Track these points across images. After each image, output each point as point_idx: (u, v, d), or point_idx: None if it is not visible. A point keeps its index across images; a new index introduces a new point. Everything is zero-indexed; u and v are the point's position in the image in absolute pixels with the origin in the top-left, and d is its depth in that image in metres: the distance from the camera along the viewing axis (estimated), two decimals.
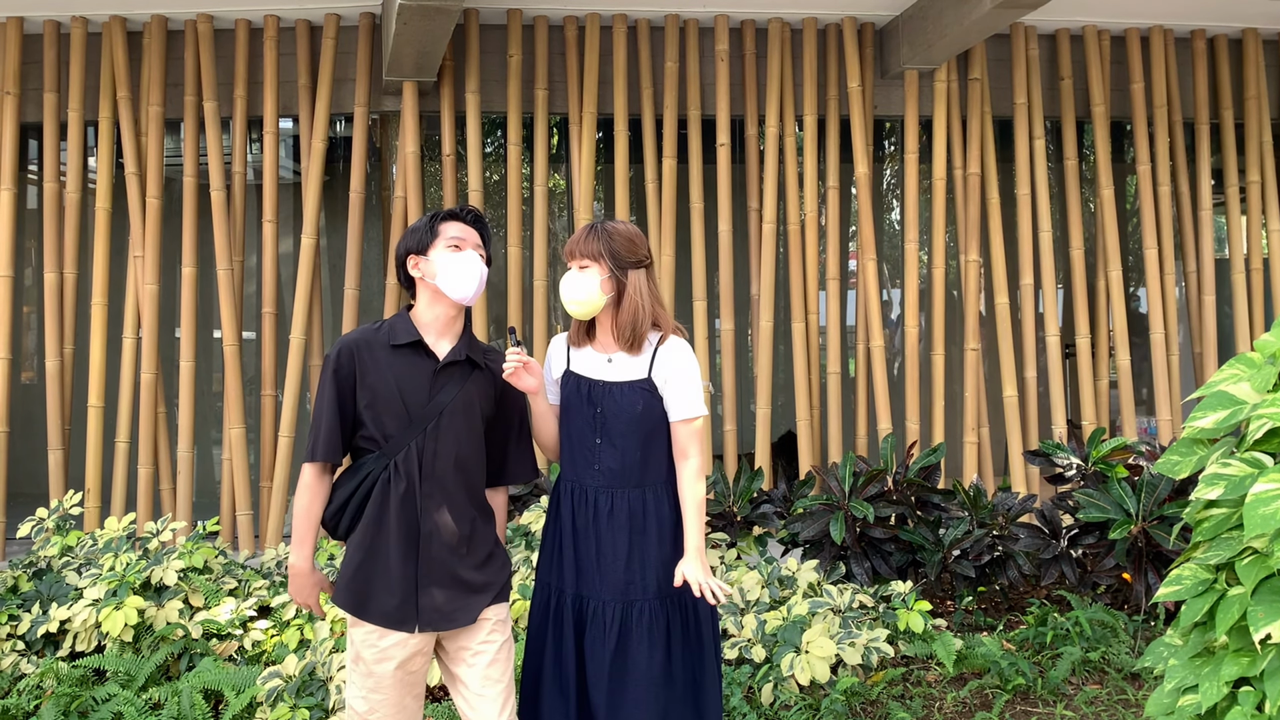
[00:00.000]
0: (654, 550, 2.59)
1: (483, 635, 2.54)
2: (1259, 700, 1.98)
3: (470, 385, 2.55)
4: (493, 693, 2.52)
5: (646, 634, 2.55)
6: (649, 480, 2.61)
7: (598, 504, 2.60)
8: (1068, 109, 6.37)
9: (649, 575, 2.58)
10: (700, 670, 2.63)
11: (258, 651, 3.92)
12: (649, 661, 2.54)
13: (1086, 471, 4.73)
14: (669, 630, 2.58)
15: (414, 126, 5.84)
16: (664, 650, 2.57)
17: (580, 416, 2.63)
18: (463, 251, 2.52)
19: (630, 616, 2.57)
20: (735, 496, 4.87)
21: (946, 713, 3.74)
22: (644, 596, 2.57)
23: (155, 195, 5.73)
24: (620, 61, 6.03)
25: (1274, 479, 1.94)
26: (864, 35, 6.19)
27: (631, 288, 2.61)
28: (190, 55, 5.82)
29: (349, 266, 5.83)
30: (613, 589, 2.58)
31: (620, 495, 2.59)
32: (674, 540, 2.62)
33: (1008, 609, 4.79)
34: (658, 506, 2.61)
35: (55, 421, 5.65)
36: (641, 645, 2.55)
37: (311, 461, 2.50)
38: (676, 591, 2.59)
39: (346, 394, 2.51)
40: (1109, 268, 6.27)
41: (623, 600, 2.57)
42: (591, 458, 2.61)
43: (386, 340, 2.53)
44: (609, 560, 2.58)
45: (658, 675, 2.55)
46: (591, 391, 2.62)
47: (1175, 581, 2.17)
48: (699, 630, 2.63)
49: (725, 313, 6.03)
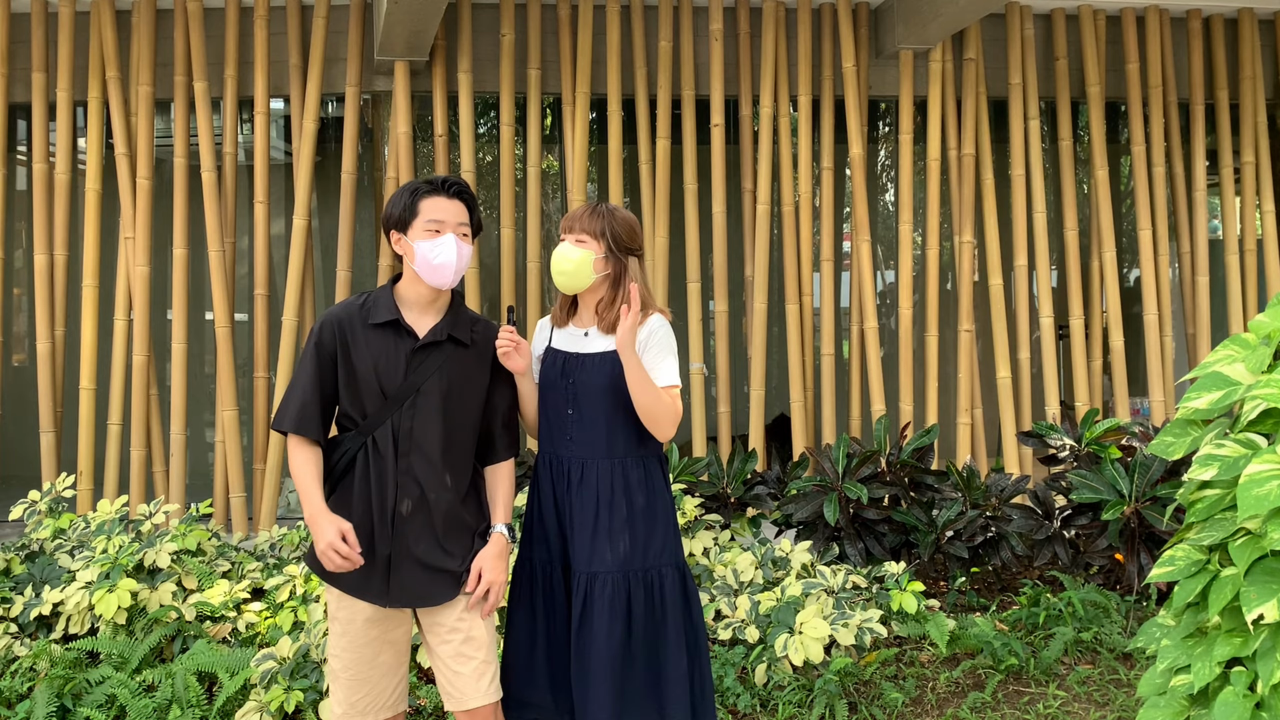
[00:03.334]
0: (620, 523, 2.58)
1: (459, 612, 2.53)
2: (1251, 680, 1.98)
3: (452, 364, 2.53)
4: (469, 667, 2.51)
5: (607, 608, 2.54)
6: (618, 452, 2.61)
7: (570, 475, 2.61)
8: (1063, 89, 6.35)
9: (614, 548, 2.57)
10: (662, 652, 2.59)
11: (251, 634, 3.92)
12: (607, 636, 2.53)
13: (1080, 453, 4.74)
14: (630, 606, 2.56)
15: (406, 107, 5.80)
16: (624, 625, 2.55)
17: (555, 389, 2.65)
18: (441, 236, 2.49)
19: (593, 589, 2.56)
20: (729, 478, 4.87)
21: (939, 693, 3.75)
22: (605, 569, 2.56)
23: (145, 176, 5.69)
24: (614, 41, 5.99)
25: (1268, 460, 1.94)
26: (859, 15, 6.16)
27: (631, 275, 2.65)
28: (180, 35, 5.77)
29: (341, 247, 5.80)
30: (580, 560, 2.58)
31: (591, 466, 2.60)
32: (645, 514, 2.61)
33: (1001, 590, 4.81)
34: (626, 478, 2.61)
35: (47, 404, 5.63)
36: (601, 619, 2.54)
37: (278, 429, 2.49)
38: (641, 567, 2.58)
39: (326, 368, 2.50)
40: (1103, 249, 6.27)
41: (587, 572, 2.57)
42: (565, 429, 2.63)
43: (366, 317, 2.52)
44: (577, 531, 2.59)
45: (616, 651, 2.54)
46: (566, 364, 2.64)
47: (1168, 562, 2.18)
48: (664, 610, 2.60)
49: (719, 294, 6.02)
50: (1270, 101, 6.71)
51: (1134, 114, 6.34)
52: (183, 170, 5.77)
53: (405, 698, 2.63)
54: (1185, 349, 6.61)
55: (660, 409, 2.56)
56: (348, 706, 2.53)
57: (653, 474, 2.66)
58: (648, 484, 2.64)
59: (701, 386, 5.93)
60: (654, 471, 2.67)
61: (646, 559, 2.60)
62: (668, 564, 2.64)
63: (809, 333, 6.05)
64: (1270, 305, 2.17)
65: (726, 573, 4.24)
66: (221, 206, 5.75)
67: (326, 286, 6.73)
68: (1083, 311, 6.28)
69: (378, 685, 2.55)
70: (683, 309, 6.06)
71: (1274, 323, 2.13)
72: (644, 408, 2.55)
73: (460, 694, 2.52)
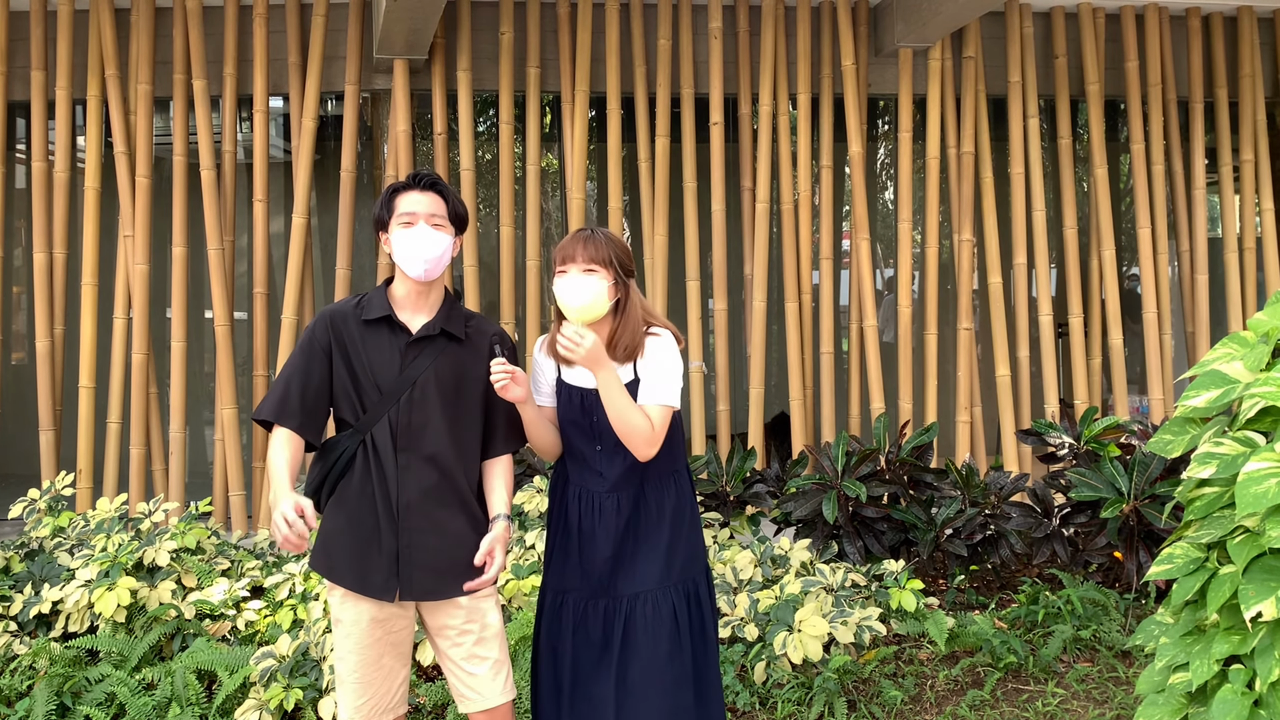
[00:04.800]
0: (658, 543, 2.58)
1: (468, 615, 2.55)
2: (1249, 678, 1.99)
3: (447, 358, 2.54)
4: (484, 668, 2.54)
5: (654, 624, 2.54)
6: (650, 477, 2.60)
7: (604, 506, 2.58)
8: (1062, 87, 6.35)
9: (655, 566, 2.57)
10: (704, 659, 2.61)
11: (251, 632, 3.92)
12: (653, 653, 2.53)
13: (1079, 450, 4.74)
14: (675, 619, 2.56)
15: (405, 105, 5.79)
16: (669, 641, 2.54)
17: (577, 428, 2.62)
18: (413, 228, 2.50)
19: (634, 609, 2.56)
20: (728, 476, 4.87)
21: (938, 691, 3.76)
22: (647, 587, 2.56)
23: (145, 174, 5.69)
24: (613, 39, 5.99)
25: (1266, 458, 1.94)
26: (858, 13, 6.16)
27: (634, 297, 2.59)
28: (179, 33, 5.77)
29: (340, 246, 5.80)
30: (623, 585, 2.57)
31: (626, 495, 2.58)
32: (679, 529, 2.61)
33: (1000, 587, 4.81)
34: (661, 501, 2.60)
35: (46, 402, 5.63)
36: (646, 636, 2.53)
37: (256, 418, 2.51)
38: (679, 579, 2.58)
39: (316, 360, 2.52)
40: (1102, 247, 6.27)
41: (630, 594, 2.56)
42: (594, 465, 2.60)
43: (361, 314, 2.54)
44: (615, 558, 2.57)
45: (662, 666, 2.53)
46: (584, 400, 2.59)
47: (1167, 560, 2.18)
48: (703, 619, 2.61)
49: (719, 292, 6.02)
50: (1269, 99, 6.71)
51: (1133, 112, 6.34)
52: (182, 168, 5.76)
53: (406, 699, 2.64)
54: (1184, 347, 6.61)
55: (630, 426, 2.46)
56: (353, 711, 2.54)
57: (683, 489, 2.66)
58: (679, 499, 2.63)
59: (701, 384, 5.93)
60: (684, 486, 2.66)
61: (684, 571, 2.60)
62: (700, 571, 2.65)
63: (808, 330, 6.05)
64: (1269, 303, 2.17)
65: (726, 570, 4.24)
66: (221, 205, 5.75)
67: (326, 285, 6.72)
68: (1082, 309, 6.28)
69: (382, 687, 2.55)
70: (682, 307, 6.06)
71: (1273, 321, 2.13)
72: (616, 423, 2.48)
73: (478, 695, 2.54)
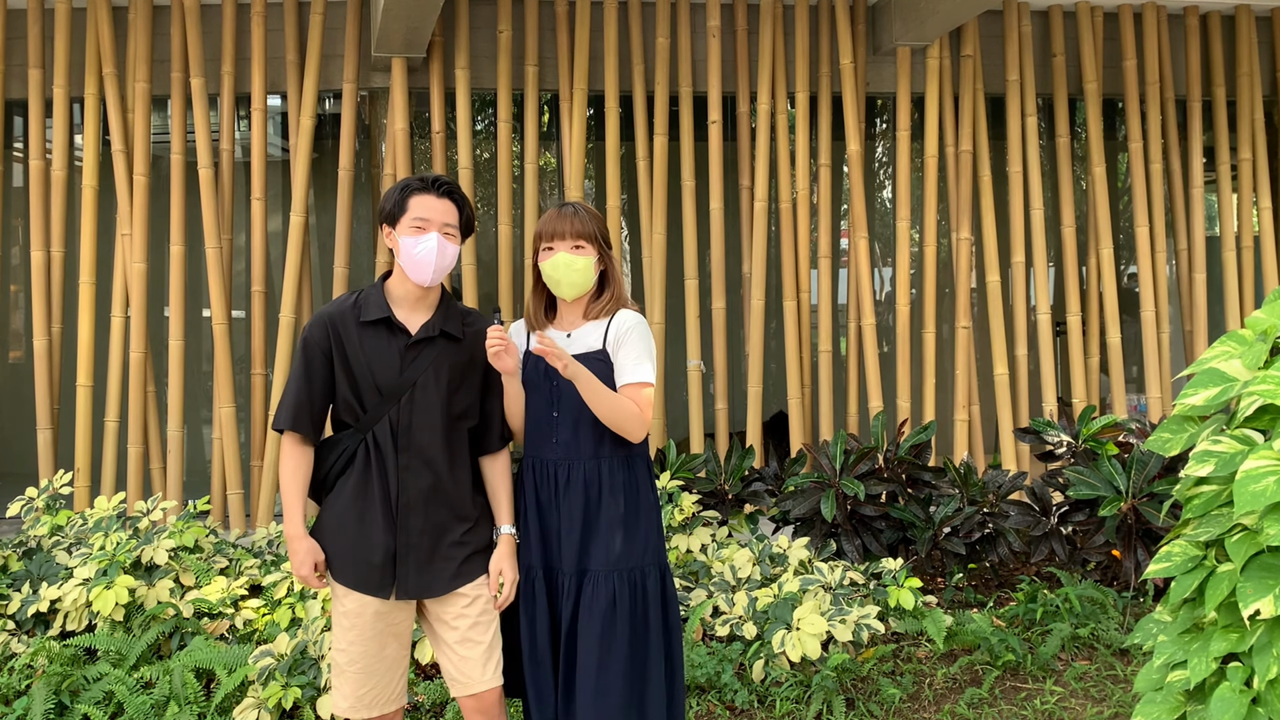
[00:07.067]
0: (608, 523, 2.60)
1: (464, 603, 2.57)
2: (1247, 676, 1.99)
3: (446, 358, 2.57)
4: (475, 652, 2.56)
5: (591, 605, 2.56)
6: (604, 452, 2.62)
7: (556, 477, 2.62)
8: (1060, 86, 6.35)
9: (603, 547, 2.59)
10: (644, 654, 2.59)
11: (249, 630, 3.92)
12: (598, 637, 2.54)
13: (1077, 449, 4.75)
14: (615, 605, 2.57)
15: (403, 103, 5.79)
16: (609, 625, 2.55)
17: (538, 393, 2.66)
18: (425, 234, 2.51)
19: (584, 588, 2.58)
20: (727, 474, 4.87)
21: (937, 689, 3.76)
22: (594, 568, 2.58)
23: (142, 173, 5.68)
24: (611, 38, 5.99)
25: (1264, 456, 1.94)
26: (856, 11, 6.16)
27: (616, 267, 2.71)
28: (177, 31, 5.76)
29: (338, 244, 5.80)
30: (569, 560, 2.60)
31: (576, 467, 2.61)
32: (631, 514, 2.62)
33: (998, 586, 4.82)
34: (612, 478, 2.62)
35: (44, 401, 5.62)
36: (588, 616, 2.56)
37: (276, 429, 2.54)
38: (626, 566, 2.59)
39: (316, 366, 2.54)
40: (1100, 245, 6.27)
41: (576, 571, 2.59)
42: (549, 431, 2.64)
43: (358, 315, 2.54)
44: (565, 533, 2.60)
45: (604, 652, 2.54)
46: (548, 367, 2.62)
47: (1165, 558, 2.18)
48: (645, 609, 2.61)
49: (717, 291, 6.02)
50: (1267, 98, 6.71)
51: (1131, 111, 6.34)
52: (180, 167, 5.76)
53: (405, 693, 2.65)
54: (1182, 345, 6.62)
55: (620, 415, 2.55)
56: (355, 700, 2.55)
57: (638, 473, 2.67)
58: (634, 483, 2.65)
59: (699, 383, 5.93)
60: (639, 470, 2.68)
61: (631, 559, 2.61)
62: (651, 563, 2.65)
63: (806, 329, 6.05)
64: (1267, 301, 2.17)
65: (724, 569, 4.24)
66: (219, 203, 5.74)
67: (324, 283, 6.72)
68: (1080, 308, 6.29)
69: (384, 677, 2.57)
70: (680, 306, 6.06)
71: (1270, 319, 2.13)
72: (605, 418, 2.55)
73: (467, 679, 2.56)
